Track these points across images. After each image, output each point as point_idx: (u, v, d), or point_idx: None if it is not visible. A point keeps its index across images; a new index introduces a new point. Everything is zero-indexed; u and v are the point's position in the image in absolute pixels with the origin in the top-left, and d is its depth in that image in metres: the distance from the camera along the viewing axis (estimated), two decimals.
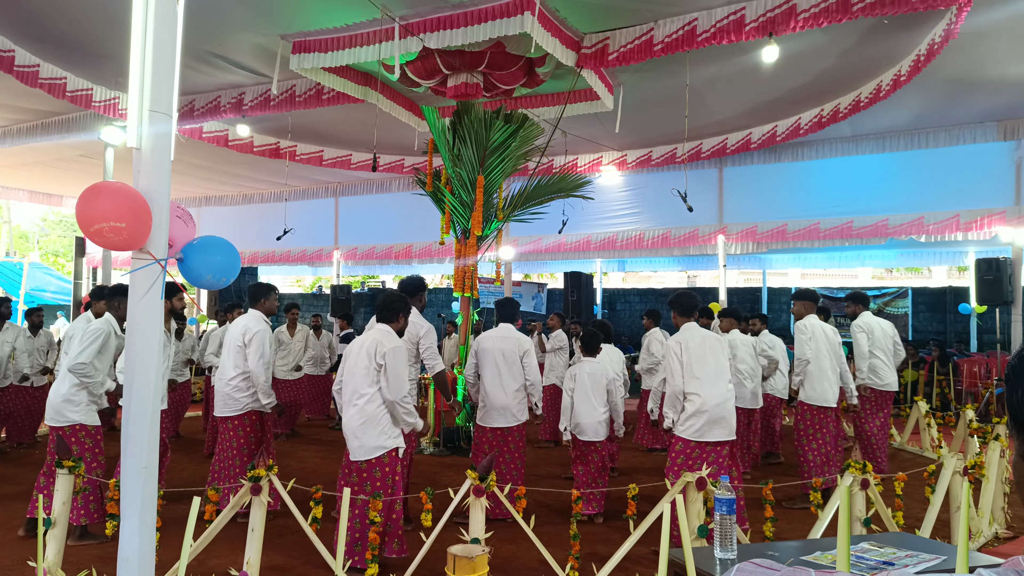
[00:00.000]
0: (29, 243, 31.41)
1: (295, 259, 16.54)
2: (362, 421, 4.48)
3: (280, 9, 7.31)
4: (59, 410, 4.99)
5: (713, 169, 12.58)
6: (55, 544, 4.09)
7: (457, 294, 8.74)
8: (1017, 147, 10.69)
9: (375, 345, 4.60)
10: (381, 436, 4.48)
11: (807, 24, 6.43)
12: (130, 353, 2.81)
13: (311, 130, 11.58)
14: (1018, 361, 0.91)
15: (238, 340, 5.59)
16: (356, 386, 4.55)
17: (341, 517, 3.85)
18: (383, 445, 4.48)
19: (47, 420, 5.08)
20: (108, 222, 2.65)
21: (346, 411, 4.57)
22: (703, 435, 4.89)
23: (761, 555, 2.90)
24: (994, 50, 8.03)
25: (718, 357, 5.05)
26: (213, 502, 4.31)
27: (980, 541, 5.15)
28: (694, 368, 4.95)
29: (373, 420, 4.48)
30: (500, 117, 8.17)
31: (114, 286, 5.37)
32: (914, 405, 8.61)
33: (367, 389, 4.51)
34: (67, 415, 4.98)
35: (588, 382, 5.98)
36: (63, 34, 7.94)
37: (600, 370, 6.08)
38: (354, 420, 4.51)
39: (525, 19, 6.52)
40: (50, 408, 5.03)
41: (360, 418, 4.49)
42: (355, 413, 4.51)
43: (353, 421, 4.51)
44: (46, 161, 13.50)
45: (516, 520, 4.22)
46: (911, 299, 17.16)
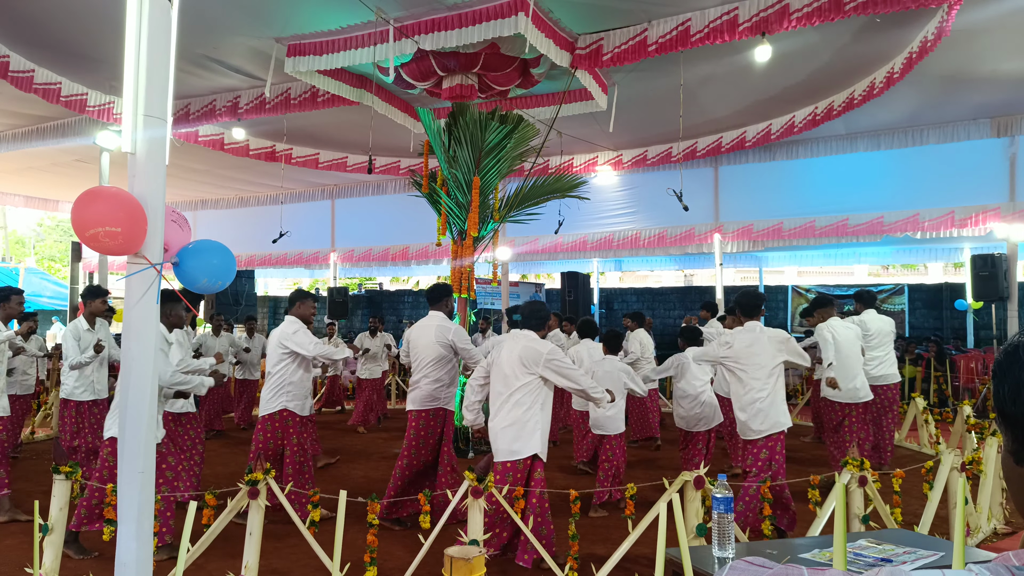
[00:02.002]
0: (25, 248, 31.35)
1: (292, 262, 16.54)
2: (508, 424, 4.54)
3: (274, 12, 7.31)
4: None
5: (708, 168, 12.60)
6: (52, 550, 4.09)
7: (455, 295, 8.74)
8: (1011, 143, 10.72)
9: (534, 354, 4.60)
10: (522, 442, 4.56)
11: (800, 23, 6.45)
12: (126, 358, 2.80)
13: (307, 133, 11.57)
14: (1004, 357, 0.92)
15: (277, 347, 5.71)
16: (503, 390, 4.60)
17: (339, 519, 3.85)
18: (526, 449, 4.56)
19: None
20: (104, 227, 2.65)
21: (495, 415, 4.61)
22: (743, 433, 5.12)
23: (759, 553, 2.90)
24: (986, 47, 8.06)
25: (765, 357, 5.12)
26: (211, 506, 4.30)
27: (979, 537, 5.15)
28: (741, 367, 5.13)
29: (519, 423, 4.56)
30: (495, 118, 8.17)
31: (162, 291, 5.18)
32: (912, 402, 8.63)
33: (520, 395, 4.56)
34: None
35: (606, 380, 6.09)
36: (57, 39, 7.93)
37: (619, 367, 6.26)
38: (500, 423, 4.57)
39: (519, 20, 6.53)
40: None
41: (507, 421, 4.54)
42: (504, 416, 4.56)
43: (499, 424, 4.57)
44: (41, 166, 13.48)
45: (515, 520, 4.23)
46: (907, 296, 17.19)
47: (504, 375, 4.63)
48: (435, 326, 5.78)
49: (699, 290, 19.21)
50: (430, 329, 5.78)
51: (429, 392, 5.69)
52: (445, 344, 5.71)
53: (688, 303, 18.36)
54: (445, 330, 5.76)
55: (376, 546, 4.17)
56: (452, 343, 5.74)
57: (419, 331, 5.84)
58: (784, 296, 18.22)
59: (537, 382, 4.60)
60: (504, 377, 4.63)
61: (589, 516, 5.69)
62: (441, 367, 5.72)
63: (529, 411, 4.57)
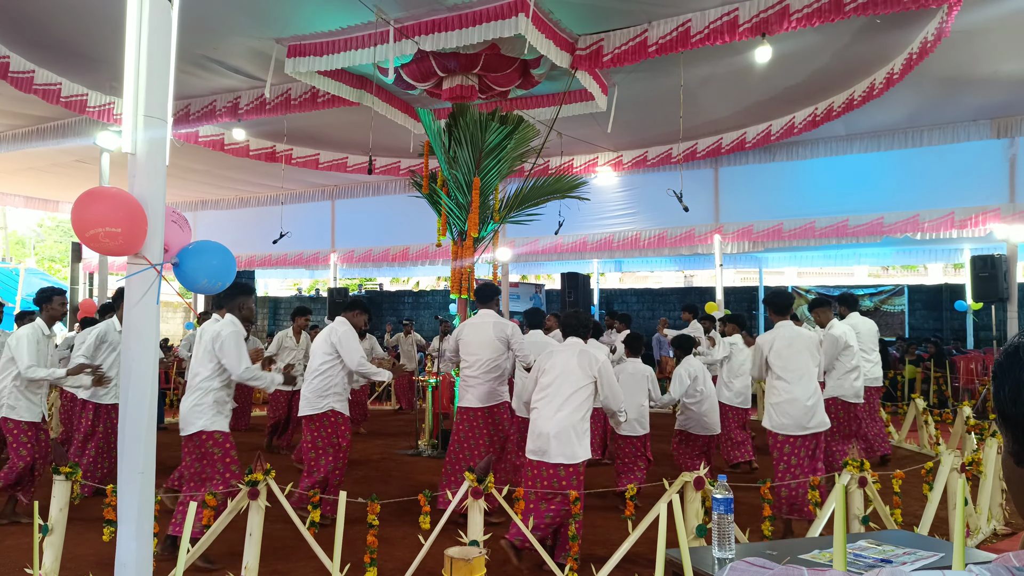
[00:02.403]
0: (25, 249, 31.35)
1: (292, 262, 16.54)
2: (565, 427, 4.58)
3: (274, 13, 7.32)
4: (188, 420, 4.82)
5: (709, 169, 12.60)
6: (52, 550, 4.08)
7: (454, 296, 8.73)
8: (1011, 144, 10.72)
9: (591, 359, 4.69)
10: (581, 446, 4.60)
11: (800, 24, 6.46)
12: (126, 358, 2.80)
13: (307, 133, 11.58)
14: (1004, 357, 0.92)
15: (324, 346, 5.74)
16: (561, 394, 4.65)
17: (338, 520, 3.85)
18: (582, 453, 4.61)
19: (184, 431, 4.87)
20: (104, 227, 2.65)
21: (552, 417, 4.62)
22: (792, 430, 5.21)
23: (759, 554, 2.90)
24: (986, 48, 8.06)
25: (805, 356, 5.31)
26: (211, 507, 4.30)
27: (979, 538, 5.15)
28: (780, 367, 5.28)
29: (579, 427, 4.61)
30: (495, 119, 8.17)
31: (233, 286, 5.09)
32: (911, 402, 8.62)
33: (579, 399, 4.63)
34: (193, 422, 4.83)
35: (630, 381, 6.19)
36: (57, 39, 7.93)
37: (641, 370, 6.34)
38: (556, 426, 4.59)
39: (519, 21, 6.53)
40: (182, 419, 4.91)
41: (562, 424, 4.58)
42: (562, 419, 4.59)
43: (555, 427, 4.59)
44: (42, 166, 13.49)
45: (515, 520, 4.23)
46: (907, 297, 17.19)
47: (559, 380, 4.69)
48: (492, 323, 5.87)
49: (699, 291, 19.19)
50: (487, 327, 5.86)
51: (492, 388, 5.79)
52: (504, 340, 5.82)
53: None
54: (503, 326, 5.89)
55: (376, 546, 4.17)
56: (510, 339, 5.84)
57: (473, 329, 5.91)
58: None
59: (591, 388, 4.68)
60: (559, 382, 4.68)
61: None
62: (500, 363, 5.85)
63: (585, 416, 4.67)
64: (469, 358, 5.86)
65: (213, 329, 4.80)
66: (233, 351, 4.71)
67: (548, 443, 4.57)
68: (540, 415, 4.68)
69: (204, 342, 4.81)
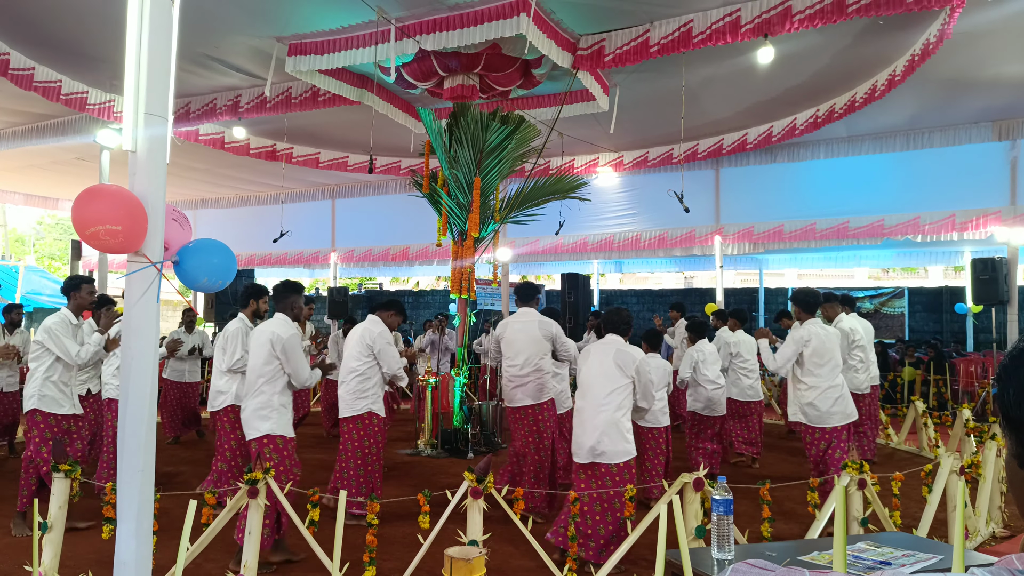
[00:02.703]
0: (25, 246, 31.34)
1: (292, 261, 16.54)
2: (609, 426, 4.63)
3: (275, 11, 7.31)
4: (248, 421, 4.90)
5: (710, 170, 12.60)
6: (51, 548, 4.08)
7: (454, 296, 8.74)
8: (1012, 147, 10.72)
9: (628, 358, 4.73)
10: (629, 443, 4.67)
11: (802, 25, 6.45)
12: (126, 356, 2.80)
13: (307, 132, 11.58)
14: (1009, 360, 0.92)
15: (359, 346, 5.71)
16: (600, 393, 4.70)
17: (338, 520, 3.85)
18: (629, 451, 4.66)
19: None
20: (104, 225, 2.65)
21: (594, 418, 4.67)
22: (824, 422, 5.52)
23: (759, 555, 2.90)
24: (988, 50, 8.06)
25: (835, 353, 5.61)
26: (210, 505, 4.29)
27: (977, 540, 5.15)
28: (812, 362, 5.55)
29: (621, 426, 4.65)
30: (496, 119, 8.18)
31: (285, 285, 5.11)
32: (911, 405, 8.62)
33: (619, 397, 4.69)
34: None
35: (654, 376, 6.20)
36: (58, 37, 7.93)
37: (661, 364, 6.50)
38: (599, 426, 4.64)
39: (520, 21, 6.53)
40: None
41: (607, 423, 4.63)
42: (604, 419, 4.64)
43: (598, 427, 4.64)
44: (42, 164, 13.48)
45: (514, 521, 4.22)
46: (907, 299, 17.19)
47: (599, 379, 4.72)
48: (536, 321, 5.94)
49: (699, 292, 19.20)
50: (531, 324, 5.91)
51: (541, 385, 5.83)
52: (549, 337, 5.88)
53: (688, 305, 18.33)
54: (547, 323, 5.95)
55: (375, 546, 4.17)
56: (554, 336, 5.91)
57: (517, 327, 5.96)
58: (784, 298, 18.21)
59: (630, 386, 4.71)
60: (599, 381, 4.71)
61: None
62: (547, 360, 5.89)
63: (626, 414, 4.70)
64: (516, 357, 5.88)
65: (268, 330, 4.74)
66: (296, 356, 4.70)
67: (594, 444, 4.61)
68: (582, 416, 4.73)
69: (261, 343, 4.73)
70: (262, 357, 4.71)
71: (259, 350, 4.74)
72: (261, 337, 4.76)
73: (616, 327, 4.90)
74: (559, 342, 5.94)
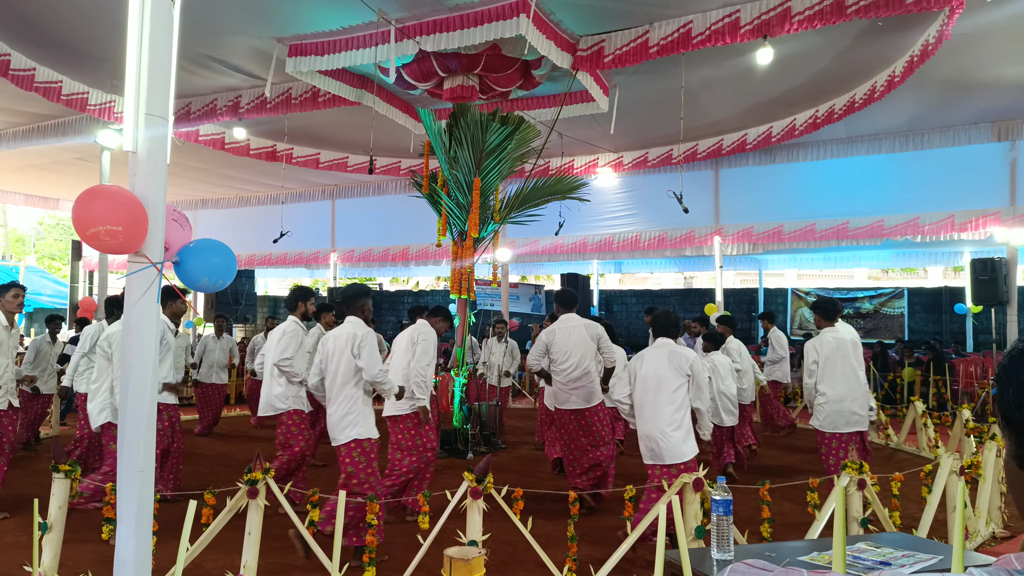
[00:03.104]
0: (25, 247, 31.34)
1: (292, 262, 16.54)
2: (675, 427, 4.75)
3: (276, 12, 7.32)
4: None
5: (709, 171, 12.60)
6: (51, 549, 4.08)
7: (454, 296, 8.74)
8: (1011, 148, 10.73)
9: (682, 358, 4.85)
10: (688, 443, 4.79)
11: (802, 26, 6.46)
12: (126, 356, 2.80)
13: (307, 133, 11.58)
14: (1008, 361, 0.92)
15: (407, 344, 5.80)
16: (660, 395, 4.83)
17: (338, 519, 3.85)
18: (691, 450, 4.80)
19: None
20: (104, 225, 2.65)
21: (655, 420, 4.79)
22: (836, 427, 5.67)
23: (758, 556, 2.90)
24: (988, 51, 8.07)
25: (849, 359, 5.74)
26: (210, 505, 4.29)
27: (977, 541, 5.15)
28: (825, 369, 5.72)
29: (683, 426, 4.79)
30: (496, 119, 8.18)
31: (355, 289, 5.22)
32: (911, 405, 8.62)
33: (679, 397, 4.81)
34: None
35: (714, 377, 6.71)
36: (59, 37, 7.93)
37: (723, 361, 7.04)
38: (661, 429, 4.77)
39: (520, 22, 6.53)
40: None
41: (672, 424, 4.75)
42: (665, 421, 4.76)
43: (660, 430, 4.78)
44: (42, 164, 13.49)
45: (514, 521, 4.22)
46: (907, 299, 17.20)
47: (657, 382, 4.82)
48: (583, 324, 6.12)
49: (699, 292, 19.21)
50: (579, 329, 6.09)
51: (592, 389, 6.02)
52: (595, 338, 6.08)
53: (688, 305, 18.35)
54: (593, 326, 6.16)
55: (375, 546, 4.17)
56: (600, 337, 6.10)
57: (567, 332, 6.11)
58: (783, 299, 18.23)
59: (686, 385, 4.82)
60: (658, 384, 4.81)
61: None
62: (596, 363, 6.09)
63: (686, 415, 4.80)
64: (567, 361, 6.04)
65: (345, 333, 4.78)
66: (370, 352, 4.76)
67: (658, 446, 4.74)
68: (644, 420, 4.83)
69: (341, 347, 4.76)
70: (344, 361, 4.75)
71: (340, 355, 4.78)
72: (339, 341, 4.80)
73: (667, 330, 5.03)
74: (604, 343, 6.12)
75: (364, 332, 4.78)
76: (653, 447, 4.76)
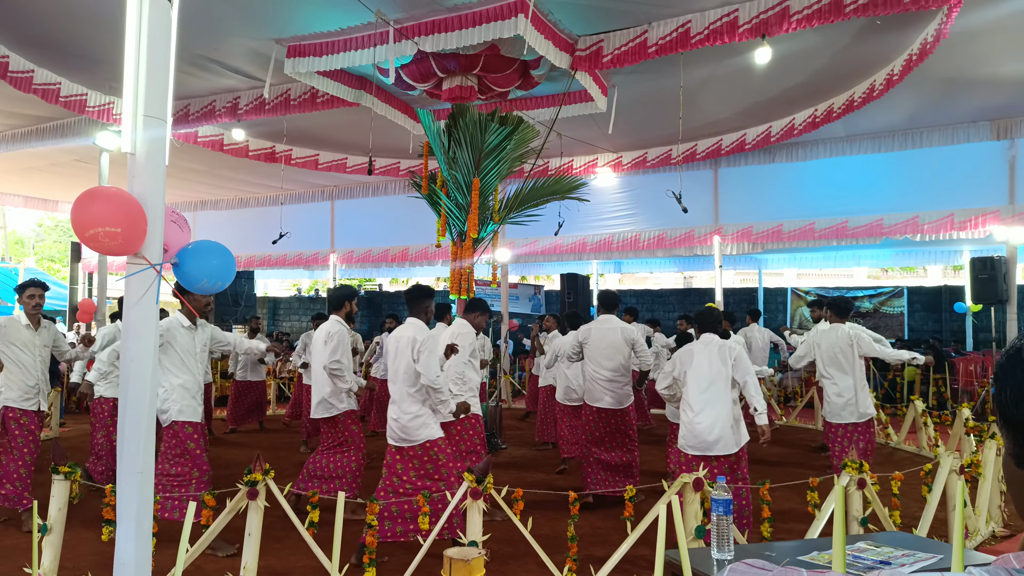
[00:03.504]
0: (25, 249, 31.34)
1: (291, 263, 16.54)
2: (726, 423, 4.93)
3: (274, 13, 7.31)
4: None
5: (708, 170, 12.59)
6: (51, 550, 4.08)
7: (453, 296, 8.74)
8: (1010, 146, 10.72)
9: (728, 351, 5.06)
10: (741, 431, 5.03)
11: (800, 25, 6.46)
12: (125, 358, 2.80)
13: (306, 134, 11.57)
14: (1006, 360, 0.92)
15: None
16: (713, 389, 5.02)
17: (337, 519, 3.85)
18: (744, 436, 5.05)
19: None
20: (103, 227, 2.65)
21: (716, 415, 4.96)
22: (840, 419, 6.15)
23: (758, 556, 2.90)
24: (986, 49, 8.06)
25: (846, 355, 6.17)
26: (210, 506, 4.29)
27: (977, 540, 5.15)
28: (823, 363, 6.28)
29: (737, 418, 5.02)
30: (495, 120, 8.17)
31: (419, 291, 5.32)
32: (911, 404, 8.63)
33: (733, 392, 5.04)
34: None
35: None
36: (57, 39, 7.92)
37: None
38: (721, 423, 4.96)
39: (518, 22, 6.53)
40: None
41: (726, 419, 4.94)
42: (725, 414, 4.96)
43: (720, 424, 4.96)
44: (41, 166, 13.48)
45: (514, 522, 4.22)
46: (906, 298, 17.20)
47: (711, 378, 5.01)
48: (619, 327, 6.29)
49: (698, 292, 19.21)
50: (616, 331, 6.25)
51: (626, 391, 6.25)
52: (630, 342, 6.26)
53: (687, 305, 18.36)
54: (629, 330, 6.32)
55: (375, 547, 4.17)
56: (635, 341, 6.29)
57: (601, 334, 6.27)
58: (783, 298, 18.23)
59: (732, 377, 5.03)
60: (711, 380, 5.01)
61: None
62: (628, 365, 6.27)
63: (737, 405, 5.06)
64: (603, 362, 6.21)
65: (407, 335, 4.85)
66: (429, 356, 4.83)
67: (715, 439, 4.92)
68: (702, 416, 4.96)
69: (402, 349, 4.84)
70: (405, 363, 4.83)
71: (401, 357, 4.85)
72: (401, 343, 4.87)
73: (712, 327, 5.22)
74: (638, 346, 6.32)
75: (425, 335, 4.89)
76: (709, 441, 4.92)
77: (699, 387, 5.00)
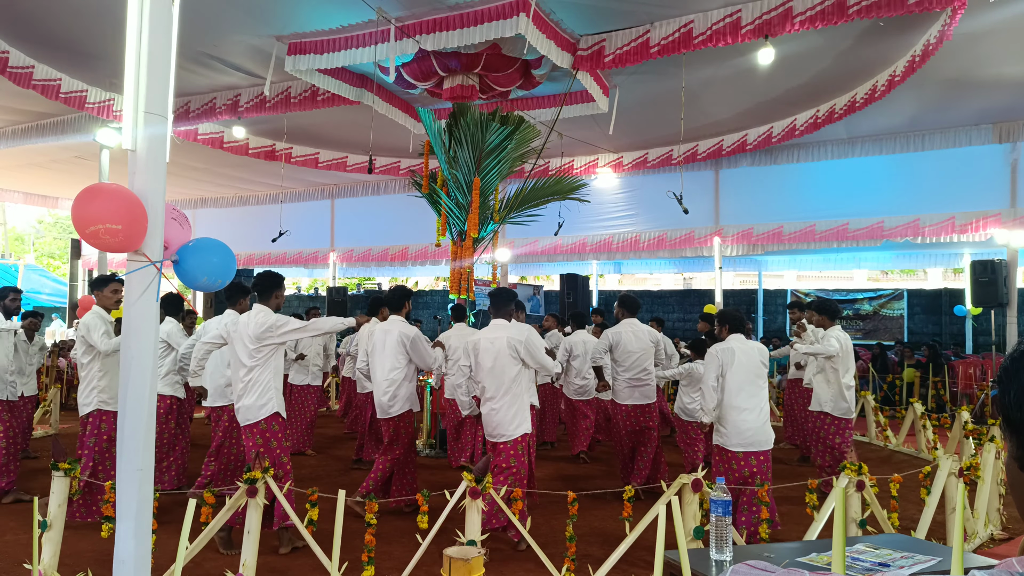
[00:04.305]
0: (25, 245, 31.32)
1: (291, 261, 16.53)
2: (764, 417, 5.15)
3: (275, 10, 7.31)
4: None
5: (709, 171, 12.59)
6: (51, 547, 4.07)
7: (453, 296, 8.74)
8: (1012, 149, 10.72)
9: (759, 348, 5.29)
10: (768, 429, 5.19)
11: (803, 26, 6.45)
12: (125, 356, 2.80)
13: (307, 132, 11.57)
14: (1010, 363, 0.92)
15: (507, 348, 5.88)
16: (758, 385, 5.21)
17: (336, 518, 3.84)
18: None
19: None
20: (104, 224, 2.65)
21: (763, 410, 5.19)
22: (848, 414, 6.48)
23: (757, 557, 2.90)
24: (989, 52, 8.06)
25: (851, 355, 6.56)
26: (209, 504, 4.29)
27: (976, 542, 5.15)
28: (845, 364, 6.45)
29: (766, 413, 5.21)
30: (496, 119, 8.17)
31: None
32: (910, 407, 8.62)
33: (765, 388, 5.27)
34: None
35: None
36: (57, 35, 7.92)
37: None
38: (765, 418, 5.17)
39: (520, 21, 6.52)
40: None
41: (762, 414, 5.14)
42: (767, 410, 5.18)
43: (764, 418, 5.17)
44: (41, 163, 13.47)
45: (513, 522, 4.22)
46: (907, 301, 17.21)
47: (753, 375, 5.17)
48: (646, 330, 6.68)
49: (698, 293, 19.21)
50: (643, 333, 6.62)
51: (653, 388, 6.61)
52: (655, 342, 6.67)
53: (687, 306, 18.37)
54: (654, 332, 6.76)
55: (374, 545, 4.17)
56: (659, 340, 6.75)
57: (631, 335, 6.57)
58: (783, 300, 18.22)
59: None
60: (753, 375, 5.17)
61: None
62: (652, 365, 6.63)
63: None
64: (636, 363, 6.53)
65: (504, 336, 5.10)
66: (538, 350, 5.17)
67: (765, 436, 5.08)
68: (749, 414, 5.10)
69: (498, 349, 5.10)
70: (505, 363, 5.11)
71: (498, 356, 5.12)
72: (497, 344, 5.12)
73: (740, 326, 5.37)
74: (660, 346, 6.76)
75: (526, 334, 5.14)
76: (759, 437, 5.06)
77: (742, 385, 5.16)
